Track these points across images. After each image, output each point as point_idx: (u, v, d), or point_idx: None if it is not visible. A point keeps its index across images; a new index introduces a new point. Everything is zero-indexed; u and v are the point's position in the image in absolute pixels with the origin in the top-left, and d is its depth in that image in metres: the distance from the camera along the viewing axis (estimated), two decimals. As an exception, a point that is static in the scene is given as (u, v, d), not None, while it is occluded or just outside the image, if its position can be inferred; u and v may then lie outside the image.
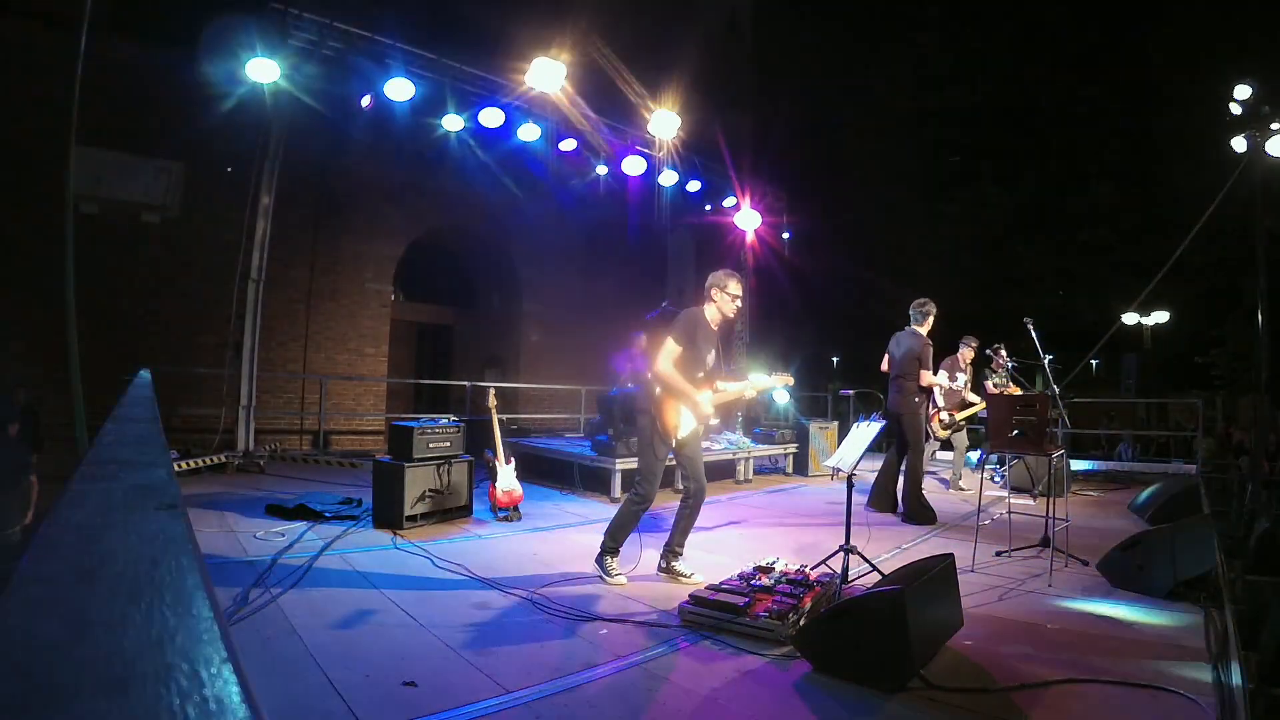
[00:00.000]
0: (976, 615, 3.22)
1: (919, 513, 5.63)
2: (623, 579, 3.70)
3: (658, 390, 3.74)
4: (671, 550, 3.86)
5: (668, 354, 3.68)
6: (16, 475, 5.58)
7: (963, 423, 7.43)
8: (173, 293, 8.39)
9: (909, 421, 5.72)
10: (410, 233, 10.87)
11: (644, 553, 3.98)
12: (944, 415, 7.33)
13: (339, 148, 9.08)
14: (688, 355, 3.74)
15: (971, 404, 7.37)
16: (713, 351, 3.87)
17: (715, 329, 3.89)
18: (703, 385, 3.83)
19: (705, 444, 7.60)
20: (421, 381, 12.05)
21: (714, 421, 3.90)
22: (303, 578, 3.53)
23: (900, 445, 5.87)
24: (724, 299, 3.84)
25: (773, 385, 4.13)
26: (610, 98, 8.68)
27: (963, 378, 7.42)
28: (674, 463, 3.92)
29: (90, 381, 5.23)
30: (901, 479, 5.83)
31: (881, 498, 6.04)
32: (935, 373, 7.10)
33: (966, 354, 7.42)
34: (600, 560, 3.78)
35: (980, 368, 7.58)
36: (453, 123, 8.13)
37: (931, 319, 5.88)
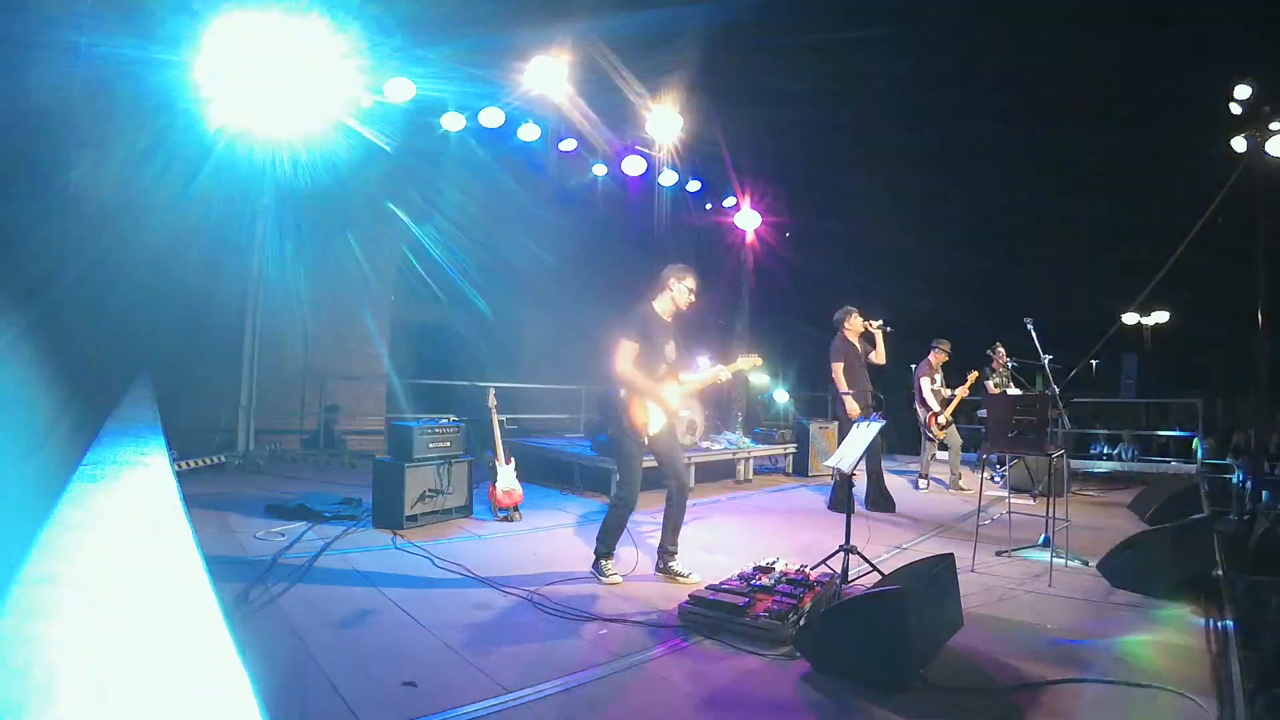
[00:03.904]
0: (976, 615, 3.22)
1: (880, 503, 6.11)
2: (618, 579, 3.72)
3: (622, 392, 3.76)
4: (665, 550, 3.87)
5: (625, 354, 3.71)
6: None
7: (952, 419, 7.52)
8: (173, 293, 8.38)
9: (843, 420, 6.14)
10: (410, 233, 10.86)
11: (640, 554, 3.99)
12: (938, 417, 7.39)
13: (339, 147, 9.07)
14: (645, 351, 3.76)
15: (951, 399, 7.52)
16: (670, 343, 3.89)
17: (669, 320, 3.93)
18: (666, 378, 3.85)
19: (705, 443, 7.62)
20: (421, 381, 12.03)
21: (684, 414, 3.92)
22: (303, 578, 3.53)
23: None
24: (681, 290, 3.90)
25: (741, 367, 4.14)
26: (610, 98, 8.67)
27: (939, 378, 7.57)
28: (653, 463, 3.92)
29: (90, 381, 5.23)
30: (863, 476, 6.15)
31: (878, 499, 6.08)
32: (918, 381, 7.53)
33: (939, 356, 7.55)
34: (596, 565, 3.80)
35: (971, 368, 7.64)
36: (453, 122, 8.13)
37: (848, 322, 6.23)
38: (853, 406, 5.95)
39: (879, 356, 6.23)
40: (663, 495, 3.89)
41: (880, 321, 6.24)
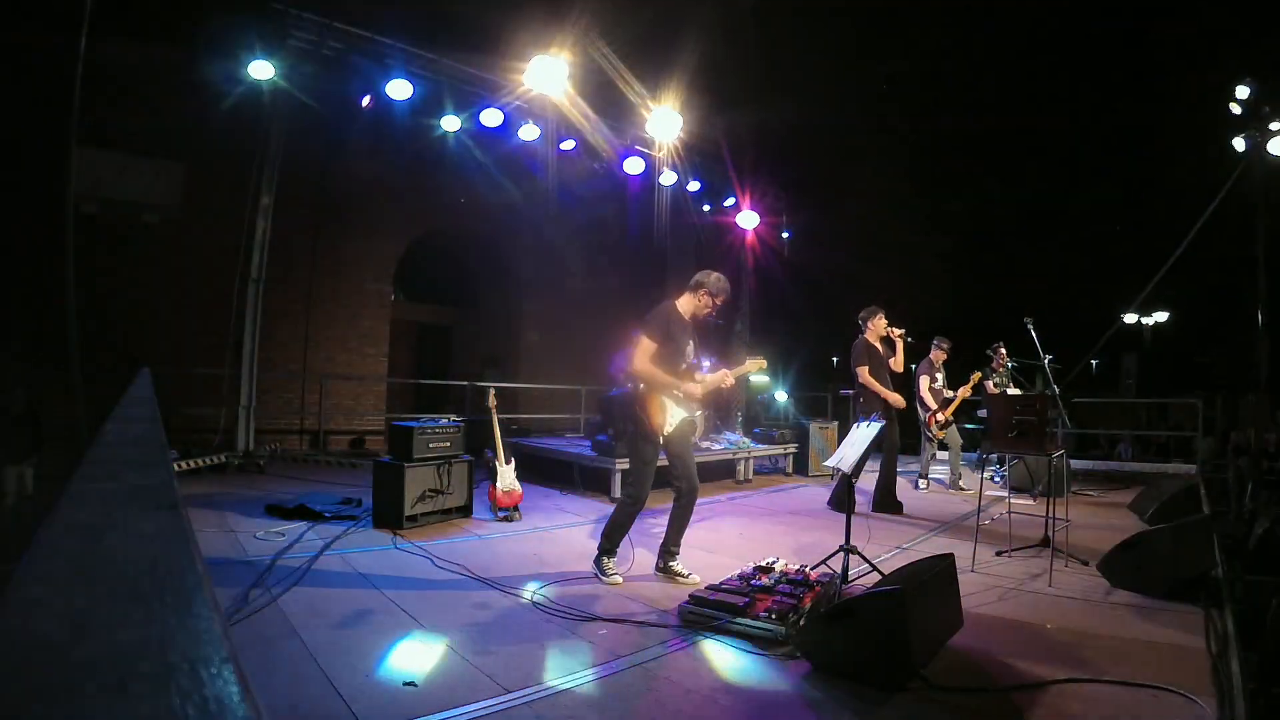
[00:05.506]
0: (976, 615, 3.22)
1: (887, 505, 6.06)
2: (618, 578, 3.72)
3: (640, 389, 3.76)
4: (668, 550, 3.86)
5: (644, 351, 3.72)
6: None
7: (952, 419, 7.50)
8: (173, 293, 8.38)
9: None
10: (410, 233, 10.86)
11: (639, 553, 3.99)
12: (938, 416, 7.38)
13: (339, 148, 9.07)
14: (666, 349, 3.77)
15: (951, 399, 7.49)
16: (690, 343, 3.91)
17: (689, 320, 3.95)
18: (686, 377, 3.86)
19: (705, 444, 7.62)
20: (421, 381, 12.04)
21: (698, 414, 3.94)
22: (303, 578, 3.53)
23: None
24: (708, 300, 3.91)
25: (748, 370, 4.17)
26: (610, 98, 8.66)
27: (941, 377, 7.53)
28: (664, 462, 3.92)
29: (90, 381, 5.23)
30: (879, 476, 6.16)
31: (887, 501, 6.08)
32: (917, 379, 7.45)
33: (939, 355, 7.53)
34: (597, 561, 3.80)
35: (973, 368, 7.62)
36: (452, 123, 8.14)
37: (872, 322, 6.12)
38: (897, 398, 5.93)
39: (897, 364, 6.19)
40: (669, 494, 3.89)
41: (903, 330, 6.20)
